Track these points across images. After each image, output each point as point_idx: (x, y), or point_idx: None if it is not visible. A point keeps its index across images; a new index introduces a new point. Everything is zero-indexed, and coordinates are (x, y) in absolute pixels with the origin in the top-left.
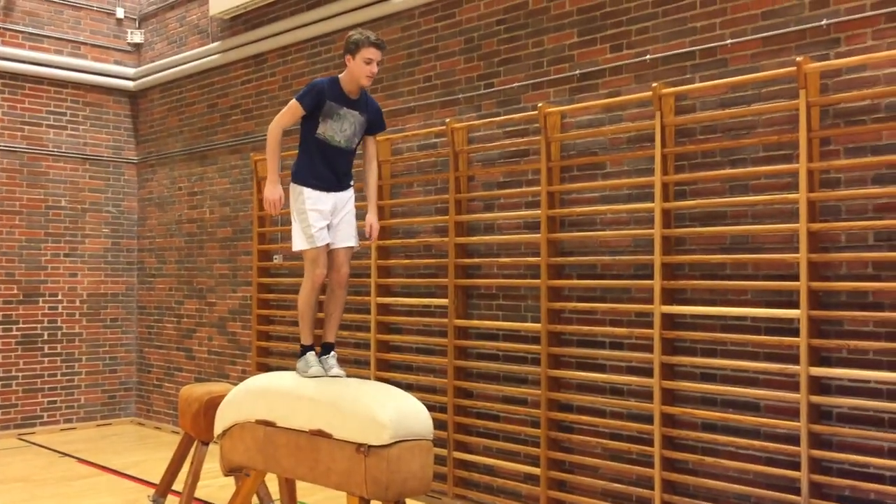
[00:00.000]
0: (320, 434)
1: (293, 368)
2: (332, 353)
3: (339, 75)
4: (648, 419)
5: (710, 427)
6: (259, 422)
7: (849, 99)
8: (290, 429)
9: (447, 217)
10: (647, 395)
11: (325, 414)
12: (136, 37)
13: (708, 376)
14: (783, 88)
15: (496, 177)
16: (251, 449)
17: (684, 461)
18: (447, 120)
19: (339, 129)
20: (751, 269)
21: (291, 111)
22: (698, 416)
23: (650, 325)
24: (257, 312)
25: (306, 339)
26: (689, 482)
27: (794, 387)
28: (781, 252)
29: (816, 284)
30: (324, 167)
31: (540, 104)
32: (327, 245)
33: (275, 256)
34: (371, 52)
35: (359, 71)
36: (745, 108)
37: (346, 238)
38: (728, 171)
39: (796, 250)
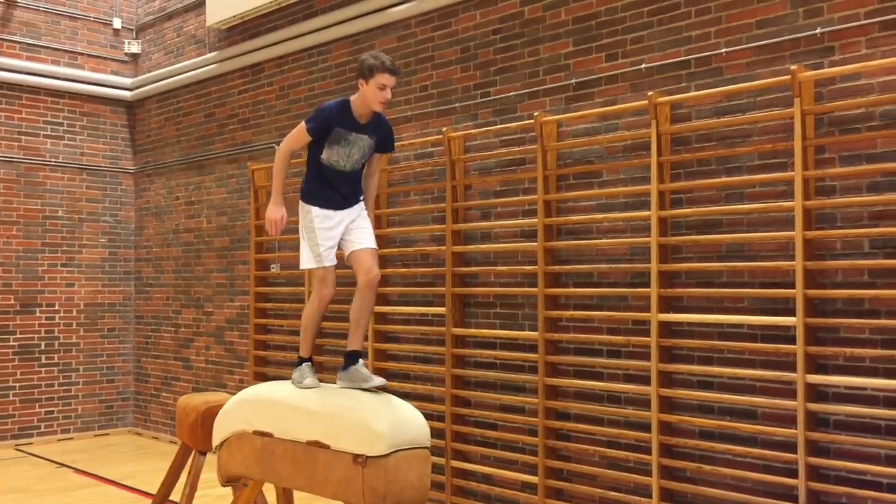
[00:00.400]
0: (318, 445)
1: (290, 378)
2: (361, 361)
3: (351, 98)
4: (646, 427)
5: (707, 435)
6: (256, 432)
7: (843, 107)
8: (288, 439)
9: (444, 226)
10: (644, 403)
11: (322, 425)
12: (134, 47)
13: (705, 384)
14: (778, 97)
15: (493, 185)
16: (249, 459)
17: (682, 469)
18: (444, 129)
19: (345, 154)
20: (747, 276)
21: (299, 135)
22: (696, 423)
23: (647, 333)
24: (255, 322)
25: (305, 352)
26: (686, 490)
27: (791, 394)
28: (777, 260)
29: (812, 292)
30: (329, 189)
31: (536, 113)
32: (335, 266)
33: (272, 266)
34: (385, 78)
35: (372, 97)
36: (740, 116)
37: (368, 239)
38: (723, 179)
39: (792, 258)
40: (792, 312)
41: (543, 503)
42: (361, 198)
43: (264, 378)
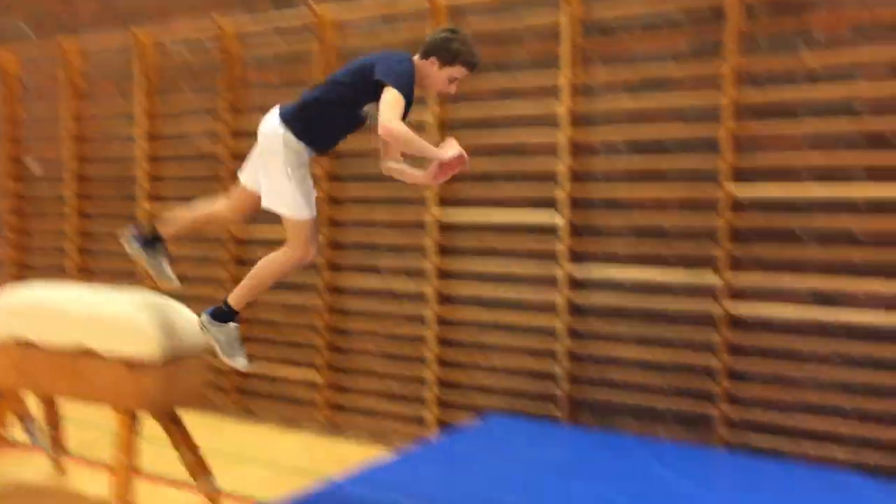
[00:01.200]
0: (85, 351)
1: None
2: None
3: (416, 61)
4: (424, 321)
5: (480, 326)
6: (16, 340)
7: (606, 14)
8: (53, 345)
9: (220, 123)
10: (422, 298)
11: (90, 330)
12: None
13: (479, 277)
14: (549, 1)
15: (273, 81)
16: (7, 368)
17: (457, 360)
18: (216, 18)
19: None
20: (518, 176)
21: (400, 105)
22: (470, 317)
23: (426, 232)
24: (10, 222)
25: (236, 303)
26: (461, 380)
27: (554, 284)
28: (545, 159)
29: (575, 190)
30: (333, 134)
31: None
32: None
33: (28, 161)
34: (462, 73)
35: (437, 84)
36: (514, 22)
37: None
38: (499, 82)
39: (559, 158)
40: (557, 209)
41: (326, 399)
42: None
43: None
